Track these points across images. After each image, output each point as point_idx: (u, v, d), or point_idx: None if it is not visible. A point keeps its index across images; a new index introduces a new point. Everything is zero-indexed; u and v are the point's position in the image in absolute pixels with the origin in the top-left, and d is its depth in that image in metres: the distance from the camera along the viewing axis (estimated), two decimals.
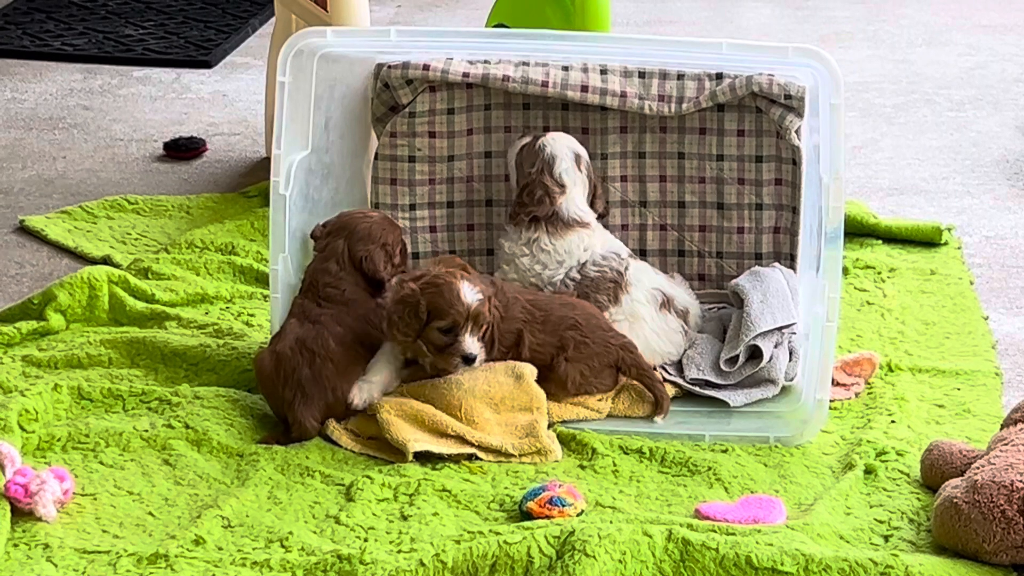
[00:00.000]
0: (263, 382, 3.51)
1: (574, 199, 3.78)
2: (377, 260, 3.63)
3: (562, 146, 3.80)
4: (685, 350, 3.71)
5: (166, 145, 5.14)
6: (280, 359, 3.48)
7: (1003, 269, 4.33)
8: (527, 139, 3.85)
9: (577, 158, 3.80)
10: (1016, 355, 3.86)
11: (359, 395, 3.46)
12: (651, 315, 3.70)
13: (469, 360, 3.40)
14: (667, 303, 3.72)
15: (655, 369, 3.66)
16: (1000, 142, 5.24)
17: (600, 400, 3.55)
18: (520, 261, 3.79)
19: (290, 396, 3.44)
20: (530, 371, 3.50)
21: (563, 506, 3.14)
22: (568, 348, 3.54)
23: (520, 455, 3.39)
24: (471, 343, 3.40)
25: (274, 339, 3.54)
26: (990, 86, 5.79)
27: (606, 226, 3.90)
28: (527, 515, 3.16)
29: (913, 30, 6.48)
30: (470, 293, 3.38)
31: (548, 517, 3.12)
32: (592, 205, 3.82)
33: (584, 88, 3.87)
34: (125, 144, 5.21)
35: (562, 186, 3.77)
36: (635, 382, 3.57)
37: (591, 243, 3.76)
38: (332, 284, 3.59)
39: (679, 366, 3.69)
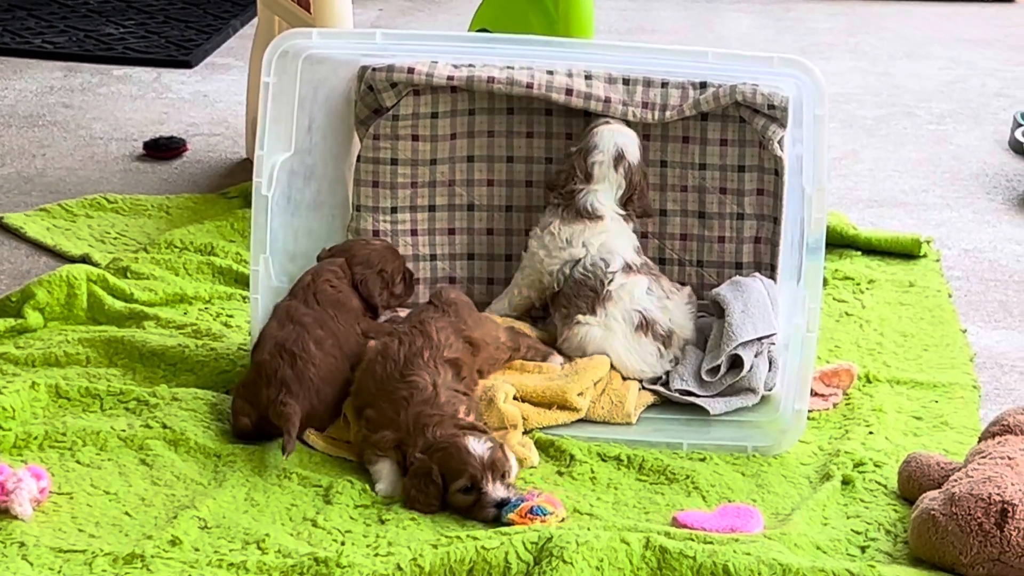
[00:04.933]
0: (245, 392, 3.45)
1: (598, 193, 3.78)
2: (372, 286, 3.68)
3: (609, 141, 3.80)
4: (667, 370, 3.70)
5: (146, 144, 5.13)
6: (260, 367, 3.45)
7: (981, 282, 4.34)
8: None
9: (618, 157, 3.79)
10: (993, 368, 3.87)
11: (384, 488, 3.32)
12: (624, 333, 3.68)
13: (502, 504, 3.19)
14: (645, 325, 3.68)
15: (634, 379, 3.67)
16: (979, 156, 5.25)
17: (580, 396, 3.54)
18: (531, 244, 3.81)
19: (274, 394, 3.39)
20: (503, 393, 3.48)
21: (544, 515, 3.13)
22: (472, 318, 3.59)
23: None
24: (497, 489, 3.20)
25: (254, 351, 3.51)
26: (970, 100, 5.81)
27: (643, 235, 3.91)
28: (508, 527, 3.14)
29: (894, 43, 6.50)
30: (478, 445, 3.23)
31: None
32: (624, 205, 3.81)
33: (568, 91, 3.86)
34: (105, 143, 5.20)
35: (589, 176, 3.78)
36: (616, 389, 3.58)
37: (592, 240, 3.74)
38: (333, 284, 3.62)
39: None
